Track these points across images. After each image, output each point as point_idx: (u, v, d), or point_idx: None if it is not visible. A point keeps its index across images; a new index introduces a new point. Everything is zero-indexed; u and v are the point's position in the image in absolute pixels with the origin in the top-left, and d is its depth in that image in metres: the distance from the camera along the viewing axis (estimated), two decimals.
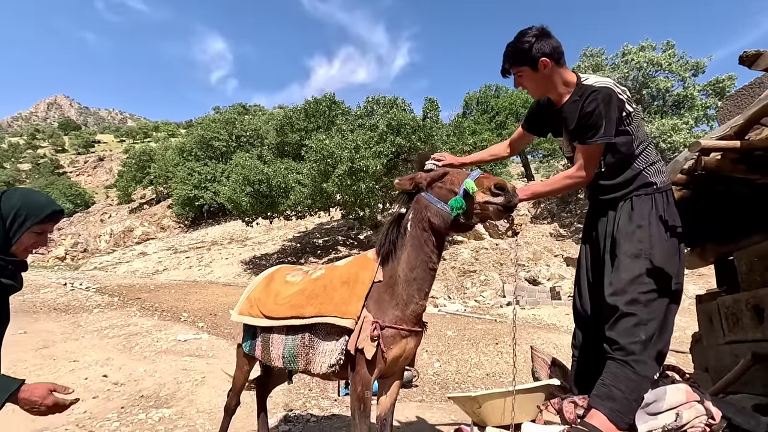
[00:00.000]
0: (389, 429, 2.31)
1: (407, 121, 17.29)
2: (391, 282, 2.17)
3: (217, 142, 32.14)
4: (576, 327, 2.15)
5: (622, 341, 1.58)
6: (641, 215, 1.76)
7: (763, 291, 2.50)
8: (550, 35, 1.81)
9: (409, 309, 2.13)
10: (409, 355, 2.24)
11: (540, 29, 1.83)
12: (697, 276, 12.14)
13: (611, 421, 1.58)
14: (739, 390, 2.48)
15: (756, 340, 2.50)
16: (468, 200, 1.94)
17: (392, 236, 2.22)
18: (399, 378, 2.38)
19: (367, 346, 2.04)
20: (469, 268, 15.75)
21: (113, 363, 5.05)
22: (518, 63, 1.86)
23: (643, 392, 1.63)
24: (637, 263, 1.67)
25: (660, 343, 1.63)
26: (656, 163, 1.88)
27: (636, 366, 1.57)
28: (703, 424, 1.65)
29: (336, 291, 2.25)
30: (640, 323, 1.57)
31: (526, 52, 1.80)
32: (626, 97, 1.84)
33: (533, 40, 1.79)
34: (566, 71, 1.89)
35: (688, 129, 19.29)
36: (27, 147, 79.67)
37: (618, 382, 1.60)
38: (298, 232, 25.44)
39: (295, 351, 2.35)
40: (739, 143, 1.89)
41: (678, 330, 9.37)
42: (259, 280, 2.86)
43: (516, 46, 1.84)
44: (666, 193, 1.83)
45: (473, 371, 6.87)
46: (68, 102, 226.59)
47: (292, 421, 4.30)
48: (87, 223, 37.80)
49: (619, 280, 1.68)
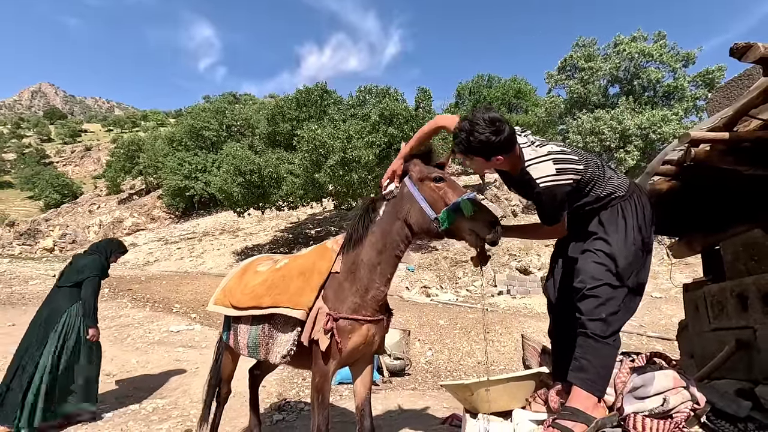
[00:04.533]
0: (369, 419, 2.32)
1: (400, 111, 17.20)
2: (352, 268, 2.16)
3: (207, 131, 31.67)
4: (550, 316, 2.21)
5: (585, 318, 1.71)
6: (609, 221, 1.83)
7: (748, 279, 2.56)
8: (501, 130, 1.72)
9: (369, 295, 2.12)
10: (373, 342, 2.24)
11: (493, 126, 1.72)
12: (684, 265, 12.36)
13: (586, 391, 1.69)
14: (723, 375, 2.55)
15: (740, 327, 2.56)
16: (457, 216, 1.93)
17: (366, 221, 2.20)
18: (369, 364, 2.38)
19: (321, 338, 2.04)
20: (461, 258, 15.85)
21: (105, 354, 5.04)
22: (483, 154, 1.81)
23: (610, 361, 1.75)
24: (605, 258, 1.76)
25: (618, 322, 1.75)
26: (611, 179, 1.87)
27: (598, 338, 1.69)
28: (688, 409, 1.70)
29: (292, 281, 2.25)
30: (601, 304, 1.69)
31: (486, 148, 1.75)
32: (571, 167, 1.77)
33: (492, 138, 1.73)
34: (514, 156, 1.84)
35: (678, 120, 19.46)
36: (11, 136, 77.84)
37: (585, 353, 1.71)
38: (290, 222, 25.35)
39: (257, 340, 2.37)
40: (728, 135, 1.91)
41: (664, 318, 9.60)
42: (235, 270, 2.88)
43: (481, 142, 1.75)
44: (632, 198, 1.85)
45: (465, 360, 6.96)
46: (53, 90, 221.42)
47: (285, 410, 4.34)
48: (75, 214, 37.24)
49: (587, 269, 1.77)
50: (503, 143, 1.72)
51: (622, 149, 19.47)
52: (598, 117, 20.01)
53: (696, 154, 2.03)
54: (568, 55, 23.41)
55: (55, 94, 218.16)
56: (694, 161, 2.06)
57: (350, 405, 4.31)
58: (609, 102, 22.73)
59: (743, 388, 2.30)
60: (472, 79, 34.60)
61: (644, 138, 19.20)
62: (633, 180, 2.01)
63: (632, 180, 1.99)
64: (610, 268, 1.72)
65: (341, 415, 3.93)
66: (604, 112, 20.39)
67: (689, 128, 13.34)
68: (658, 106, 21.21)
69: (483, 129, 1.70)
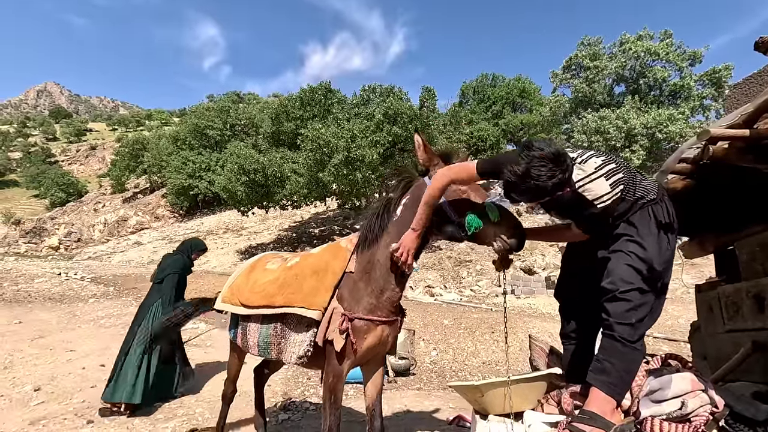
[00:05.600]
0: (379, 419, 2.31)
1: (404, 110, 17.15)
2: (367, 268, 2.12)
3: (211, 130, 31.74)
4: (563, 318, 2.16)
5: (613, 321, 1.65)
6: (642, 223, 1.76)
7: (765, 280, 2.50)
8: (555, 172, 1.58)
9: (385, 296, 2.09)
10: (387, 343, 2.22)
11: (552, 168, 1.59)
12: (690, 266, 12.25)
13: (607, 394, 1.64)
14: (739, 378, 2.50)
15: (756, 328, 2.51)
16: (483, 221, 1.88)
17: (383, 221, 2.17)
18: (380, 365, 2.37)
19: (336, 338, 2.02)
20: (465, 257, 15.80)
21: (110, 352, 5.04)
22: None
23: (634, 366, 1.69)
24: (638, 261, 1.70)
25: (645, 327, 1.70)
26: (642, 182, 1.80)
27: (626, 342, 1.64)
28: (707, 413, 1.66)
29: (306, 280, 2.22)
30: (632, 308, 1.63)
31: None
32: (618, 177, 1.71)
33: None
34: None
35: (684, 119, 19.29)
36: (17, 135, 78.36)
37: (610, 356, 1.66)
38: (294, 221, 25.37)
39: (268, 340, 2.34)
40: (748, 132, 1.86)
41: (670, 319, 9.51)
42: (242, 267, 2.85)
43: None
44: (663, 202, 1.80)
45: (470, 360, 6.92)
46: (58, 89, 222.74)
47: (291, 409, 4.32)
48: (80, 213, 37.42)
49: (618, 272, 1.71)
50: (570, 175, 1.58)
51: (627, 149, 19.32)
52: (603, 116, 19.88)
53: (714, 152, 1.98)
54: (574, 53, 23.28)
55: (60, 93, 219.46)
56: (712, 159, 2.01)
57: (355, 404, 4.29)
58: (614, 101, 22.57)
59: (760, 390, 2.25)
60: (477, 78, 34.52)
61: (650, 137, 19.05)
62: (661, 185, 1.95)
63: (660, 182, 1.93)
64: (643, 272, 1.65)
65: (347, 415, 3.91)
66: (610, 111, 20.26)
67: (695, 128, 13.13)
68: (664, 106, 21.04)
69: (551, 171, 1.53)
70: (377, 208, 2.24)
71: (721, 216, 2.80)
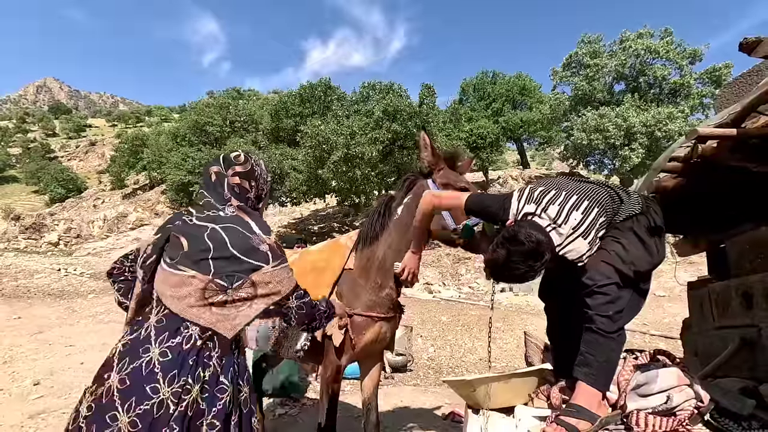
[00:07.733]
0: (375, 413, 2.35)
1: (403, 107, 17.14)
2: (367, 265, 2.16)
3: (211, 127, 31.64)
4: (548, 316, 2.21)
5: (593, 313, 1.70)
6: (624, 228, 1.79)
7: (753, 278, 2.54)
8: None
9: (384, 293, 2.13)
10: (385, 339, 2.25)
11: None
12: (688, 264, 12.29)
13: (590, 385, 1.69)
14: (727, 374, 2.54)
15: (744, 325, 2.55)
16: (478, 232, 1.95)
17: (384, 219, 2.20)
18: (378, 361, 2.41)
19: (335, 333, 2.05)
20: (464, 255, 15.84)
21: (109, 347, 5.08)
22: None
23: (613, 355, 1.74)
24: (617, 259, 1.74)
25: (623, 320, 1.74)
26: (624, 205, 1.81)
27: (604, 333, 1.69)
28: (692, 407, 1.69)
29: (305, 276, 2.24)
30: (610, 302, 1.68)
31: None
32: (596, 228, 1.71)
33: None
34: None
35: (684, 118, 19.29)
36: (17, 131, 78.21)
37: (590, 347, 1.71)
38: (293, 218, 25.40)
39: (266, 333, 2.38)
40: (736, 131, 1.89)
41: (668, 316, 9.56)
42: None
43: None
44: (648, 212, 1.83)
45: (467, 356, 6.97)
46: (58, 85, 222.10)
47: (287, 404, 4.35)
48: (80, 209, 37.43)
49: (597, 267, 1.75)
50: (552, 249, 1.64)
51: (627, 147, 19.34)
52: (603, 114, 19.89)
53: (703, 151, 2.01)
54: (574, 51, 23.25)
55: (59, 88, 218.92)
56: (701, 158, 2.04)
57: (352, 400, 4.33)
58: (614, 99, 22.56)
59: (747, 386, 2.28)
60: (477, 75, 34.37)
61: (649, 135, 19.06)
62: (645, 195, 1.97)
63: (644, 195, 1.96)
64: (622, 270, 1.70)
65: (344, 410, 3.95)
66: (609, 109, 20.26)
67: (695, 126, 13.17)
68: (664, 104, 21.04)
69: (528, 266, 1.61)
70: (379, 207, 2.28)
71: (713, 214, 2.83)
